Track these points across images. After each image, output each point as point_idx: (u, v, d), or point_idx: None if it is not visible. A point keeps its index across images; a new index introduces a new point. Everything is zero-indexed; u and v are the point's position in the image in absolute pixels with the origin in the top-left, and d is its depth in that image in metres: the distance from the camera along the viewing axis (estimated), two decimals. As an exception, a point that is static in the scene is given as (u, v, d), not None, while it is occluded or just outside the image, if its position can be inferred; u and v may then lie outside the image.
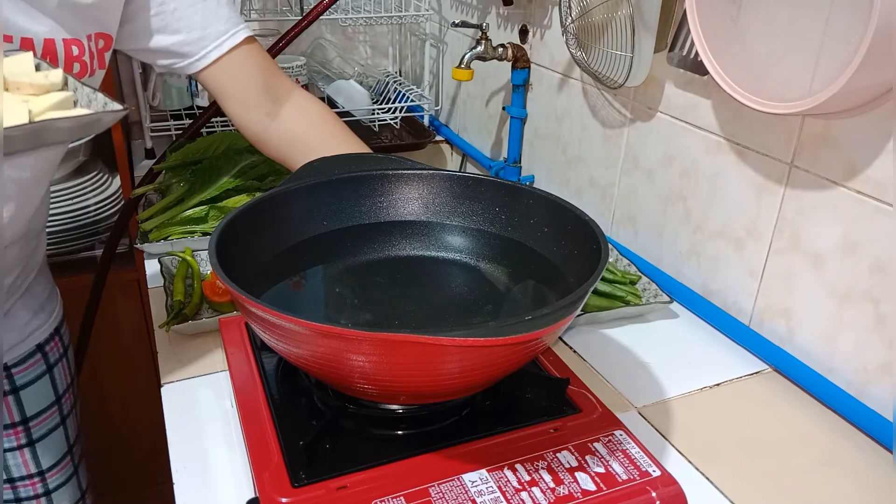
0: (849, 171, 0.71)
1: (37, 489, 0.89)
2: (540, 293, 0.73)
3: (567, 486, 0.56)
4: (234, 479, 0.64)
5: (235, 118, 0.89)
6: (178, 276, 0.91)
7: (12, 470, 0.87)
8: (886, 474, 0.67)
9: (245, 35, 0.84)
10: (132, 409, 1.57)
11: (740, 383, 0.80)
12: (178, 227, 1.02)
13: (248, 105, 0.88)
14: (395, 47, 1.71)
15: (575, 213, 0.70)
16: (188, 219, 1.03)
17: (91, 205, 1.38)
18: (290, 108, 0.90)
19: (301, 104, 0.91)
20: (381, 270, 0.77)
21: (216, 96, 0.88)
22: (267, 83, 0.88)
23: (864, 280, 0.71)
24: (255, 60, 0.86)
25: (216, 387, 0.76)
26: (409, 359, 0.52)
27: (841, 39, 0.65)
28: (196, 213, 1.03)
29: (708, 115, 0.87)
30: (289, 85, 0.91)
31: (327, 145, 0.88)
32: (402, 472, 0.57)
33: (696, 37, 0.75)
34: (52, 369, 0.87)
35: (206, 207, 1.03)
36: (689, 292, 0.93)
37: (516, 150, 1.28)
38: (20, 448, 0.86)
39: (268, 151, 0.93)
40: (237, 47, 0.83)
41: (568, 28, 0.99)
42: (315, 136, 0.90)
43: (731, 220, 0.86)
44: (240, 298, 0.55)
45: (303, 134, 0.90)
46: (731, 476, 0.67)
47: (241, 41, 0.84)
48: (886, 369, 0.70)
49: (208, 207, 1.03)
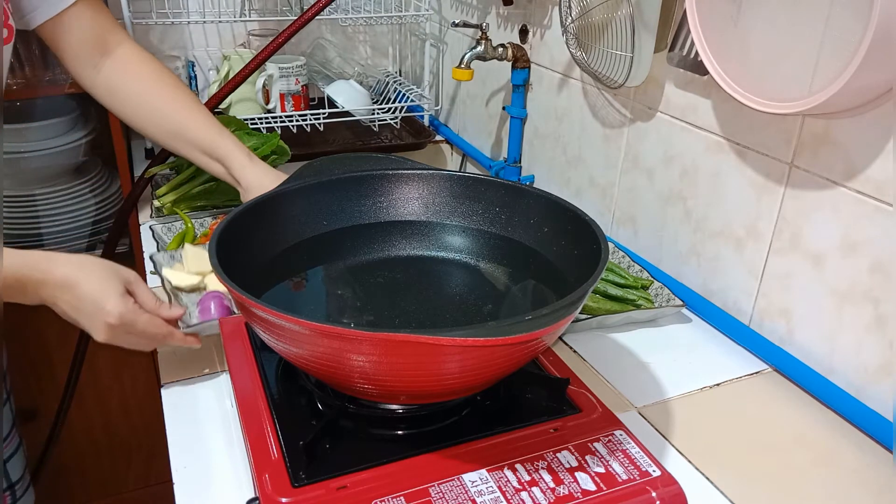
0: (849, 171, 0.71)
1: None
2: (540, 293, 0.73)
3: (567, 486, 0.56)
4: (234, 479, 0.64)
5: (69, 70, 0.93)
6: (173, 244, 0.98)
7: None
8: (886, 474, 0.67)
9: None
10: (132, 409, 1.57)
11: (740, 383, 0.80)
12: (190, 201, 1.11)
13: (79, 60, 0.92)
14: (395, 47, 1.71)
15: (575, 213, 0.70)
16: (199, 193, 1.11)
17: (91, 205, 1.38)
18: (115, 61, 0.94)
19: (127, 58, 0.95)
20: (381, 270, 0.77)
21: (53, 51, 0.91)
22: (97, 38, 0.92)
23: (864, 280, 0.71)
24: (89, 16, 0.90)
25: (216, 387, 0.76)
26: (409, 359, 0.52)
27: (841, 39, 0.65)
28: (208, 186, 1.11)
29: (708, 115, 0.87)
30: (119, 38, 0.95)
31: (144, 94, 0.94)
32: (402, 472, 0.57)
33: (696, 37, 0.75)
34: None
35: (216, 183, 1.09)
36: (689, 292, 0.93)
37: (516, 150, 1.28)
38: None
39: (100, 101, 0.97)
40: (76, 4, 0.87)
41: (568, 28, 0.99)
42: (133, 86, 0.94)
43: (731, 220, 0.86)
44: (240, 298, 0.55)
45: (124, 85, 0.94)
46: (731, 476, 0.67)
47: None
48: (886, 369, 0.70)
49: (217, 182, 1.09)
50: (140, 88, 0.94)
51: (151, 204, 1.12)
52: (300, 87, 1.43)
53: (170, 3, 1.32)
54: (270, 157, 1.15)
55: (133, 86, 0.94)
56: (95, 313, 0.67)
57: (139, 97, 0.94)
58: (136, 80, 0.94)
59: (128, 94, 0.94)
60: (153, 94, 0.94)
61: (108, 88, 0.94)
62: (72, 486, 1.61)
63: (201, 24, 1.46)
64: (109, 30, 0.93)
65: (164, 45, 1.48)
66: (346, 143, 1.45)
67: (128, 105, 0.94)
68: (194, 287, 0.83)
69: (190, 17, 1.39)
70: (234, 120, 1.18)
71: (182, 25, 1.46)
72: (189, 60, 1.50)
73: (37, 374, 1.45)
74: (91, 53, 0.92)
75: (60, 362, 1.40)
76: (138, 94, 0.94)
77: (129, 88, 0.94)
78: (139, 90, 0.94)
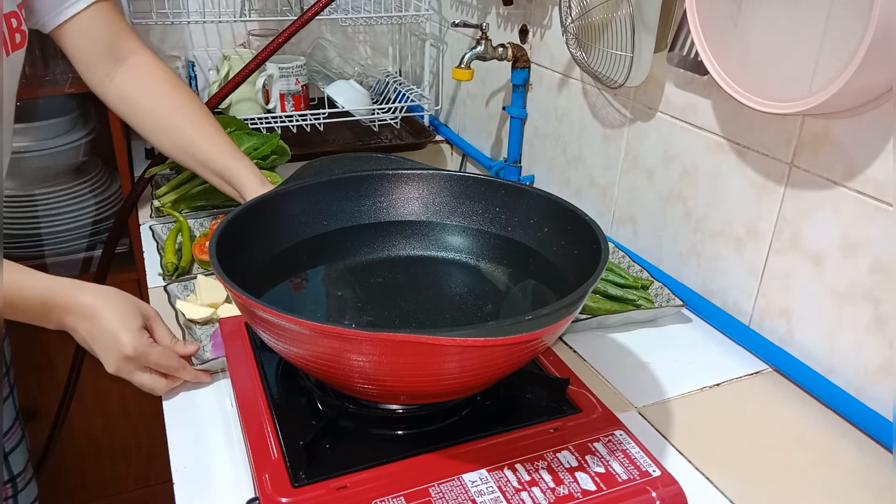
0: (849, 171, 0.71)
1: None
2: (540, 293, 0.73)
3: (567, 486, 0.56)
4: (234, 479, 0.64)
5: (81, 76, 0.93)
6: (169, 240, 0.98)
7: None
8: (886, 474, 0.67)
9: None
10: (132, 409, 1.57)
11: (740, 383, 0.80)
12: (190, 201, 1.11)
13: (91, 66, 0.91)
14: (395, 47, 1.71)
15: (575, 213, 0.70)
16: (199, 193, 1.11)
17: (91, 205, 1.39)
18: (127, 70, 0.93)
19: (141, 67, 0.94)
20: (381, 270, 0.77)
21: (67, 55, 0.91)
22: (112, 45, 0.91)
23: (864, 280, 0.71)
24: (103, 21, 0.89)
25: (216, 387, 0.76)
26: (409, 359, 0.52)
27: (841, 39, 0.65)
28: (208, 186, 1.09)
29: (708, 115, 0.87)
30: (134, 46, 0.94)
31: (158, 107, 0.93)
32: (402, 472, 0.57)
33: (696, 37, 0.75)
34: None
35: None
36: (689, 292, 0.93)
37: (516, 150, 1.28)
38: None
39: (113, 110, 0.96)
40: (89, 7, 0.86)
41: (568, 28, 0.99)
42: (147, 98, 0.94)
43: (731, 220, 0.86)
44: (240, 299, 0.55)
45: (137, 96, 0.94)
46: (731, 476, 0.67)
47: (94, 1, 0.86)
48: (886, 369, 0.70)
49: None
50: (153, 101, 0.93)
51: (151, 204, 1.12)
52: (300, 87, 1.43)
53: (170, 3, 1.32)
54: (270, 157, 1.15)
55: (146, 97, 0.93)
56: (110, 344, 0.69)
57: (152, 109, 0.93)
58: (150, 92, 0.93)
59: (140, 106, 0.93)
60: (167, 108, 0.93)
61: (121, 97, 0.93)
62: (72, 486, 1.61)
63: (201, 24, 1.46)
64: (124, 36, 0.92)
65: (164, 45, 1.48)
66: (346, 143, 1.45)
67: (140, 116, 0.93)
68: (207, 319, 0.84)
69: (190, 17, 1.39)
70: (234, 120, 1.18)
71: (182, 25, 1.46)
72: (189, 60, 1.50)
73: (37, 374, 1.45)
74: (104, 60, 0.91)
75: (60, 362, 1.40)
76: (151, 106, 0.93)
77: (142, 99, 0.93)
78: (152, 102, 0.93)
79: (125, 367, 0.70)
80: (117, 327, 0.69)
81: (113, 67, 0.92)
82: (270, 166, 1.15)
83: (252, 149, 1.12)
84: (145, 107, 0.93)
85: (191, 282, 0.91)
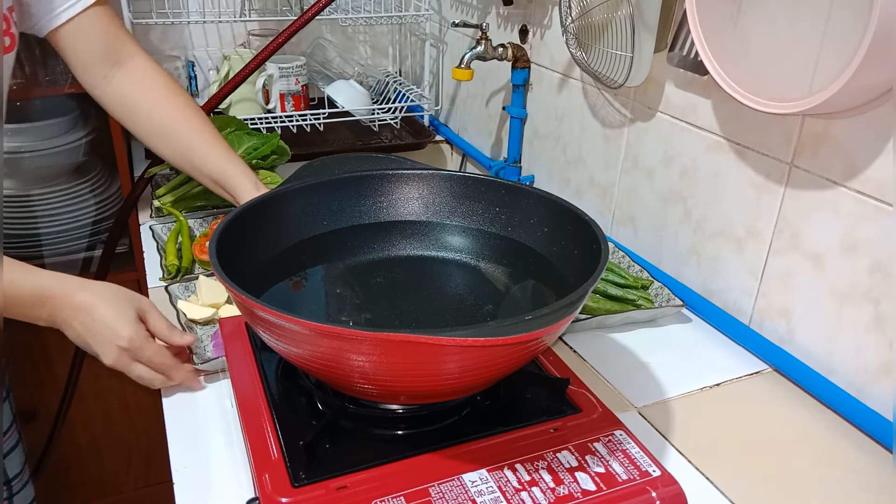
0: (849, 171, 0.71)
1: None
2: (540, 293, 0.73)
3: (567, 486, 0.56)
4: (234, 479, 0.64)
5: (79, 80, 0.93)
6: (170, 240, 0.99)
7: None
8: (886, 474, 0.67)
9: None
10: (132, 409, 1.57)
11: (740, 383, 0.80)
12: (190, 201, 1.11)
13: (88, 69, 0.91)
14: (395, 47, 1.71)
15: (575, 213, 0.70)
16: (199, 193, 1.11)
17: (91, 205, 1.38)
18: (125, 73, 0.93)
19: (139, 70, 0.94)
20: (381, 270, 0.77)
21: (64, 59, 0.90)
22: (108, 48, 0.91)
23: (864, 280, 0.71)
24: (100, 25, 0.89)
25: (216, 387, 0.76)
26: (409, 359, 0.52)
27: (841, 39, 0.65)
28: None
29: (708, 115, 0.87)
30: (131, 50, 0.93)
31: (156, 111, 0.93)
32: (402, 472, 0.57)
33: (696, 37, 0.75)
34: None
35: None
36: (689, 292, 0.93)
37: (516, 149, 1.28)
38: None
39: (110, 113, 0.96)
40: (86, 10, 0.86)
41: (568, 28, 0.99)
42: (144, 101, 0.94)
43: (731, 220, 0.86)
44: (240, 298, 0.55)
45: (134, 100, 0.93)
46: (731, 476, 0.67)
47: (92, 3, 0.86)
48: (886, 369, 0.70)
49: None
50: (150, 105, 0.93)
51: (151, 204, 1.12)
52: (300, 87, 1.43)
53: (170, 3, 1.32)
54: (270, 157, 1.15)
55: (144, 101, 0.93)
56: (107, 336, 0.70)
57: (149, 114, 0.93)
58: (148, 96, 0.93)
59: (138, 110, 0.93)
60: (165, 112, 0.93)
61: (118, 101, 0.93)
62: (72, 485, 1.60)
63: (201, 24, 1.47)
64: (121, 40, 0.92)
65: (164, 45, 1.48)
66: (346, 143, 1.45)
67: (137, 120, 0.93)
68: (208, 319, 0.84)
69: (190, 17, 1.39)
70: (234, 120, 1.18)
71: (182, 25, 1.46)
72: (189, 60, 1.50)
73: (37, 374, 1.45)
74: (101, 63, 0.91)
75: (60, 362, 1.40)
76: (148, 110, 0.93)
77: (139, 104, 0.93)
78: (149, 107, 0.93)
79: (122, 359, 0.70)
80: (113, 320, 0.70)
81: (110, 70, 0.92)
82: (270, 166, 1.15)
83: (252, 149, 1.12)
84: (143, 110, 0.93)
85: (192, 282, 0.91)
